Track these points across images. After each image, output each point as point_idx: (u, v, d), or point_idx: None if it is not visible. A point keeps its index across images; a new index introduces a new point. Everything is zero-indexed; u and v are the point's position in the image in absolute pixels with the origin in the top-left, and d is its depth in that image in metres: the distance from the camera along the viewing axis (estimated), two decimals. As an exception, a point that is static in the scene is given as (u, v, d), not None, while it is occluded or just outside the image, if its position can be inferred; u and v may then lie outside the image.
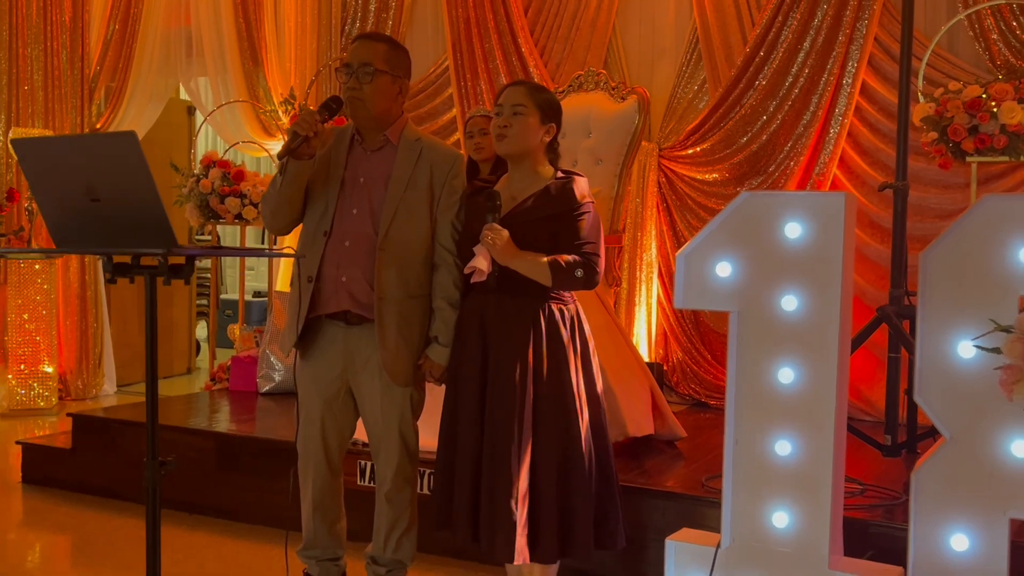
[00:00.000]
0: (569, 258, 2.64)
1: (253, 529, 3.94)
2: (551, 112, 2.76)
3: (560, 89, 5.02)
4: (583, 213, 2.68)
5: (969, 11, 4.50)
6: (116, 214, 2.00)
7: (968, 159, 4.08)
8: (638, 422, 3.72)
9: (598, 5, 5.42)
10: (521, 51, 5.56)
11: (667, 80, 5.36)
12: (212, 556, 3.65)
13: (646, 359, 5.26)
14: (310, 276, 2.77)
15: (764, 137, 4.98)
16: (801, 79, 4.90)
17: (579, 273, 2.63)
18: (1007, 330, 2.12)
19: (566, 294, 2.74)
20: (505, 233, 2.62)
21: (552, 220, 2.67)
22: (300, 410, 2.88)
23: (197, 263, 3.23)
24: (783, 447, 2.45)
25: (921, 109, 4.15)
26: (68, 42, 6.81)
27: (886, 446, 3.47)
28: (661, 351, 5.31)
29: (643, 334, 5.27)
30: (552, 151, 2.81)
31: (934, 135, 4.08)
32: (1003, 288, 2.18)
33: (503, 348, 2.66)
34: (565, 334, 2.69)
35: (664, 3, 5.38)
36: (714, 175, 5.12)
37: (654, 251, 5.27)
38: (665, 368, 5.27)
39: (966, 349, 2.24)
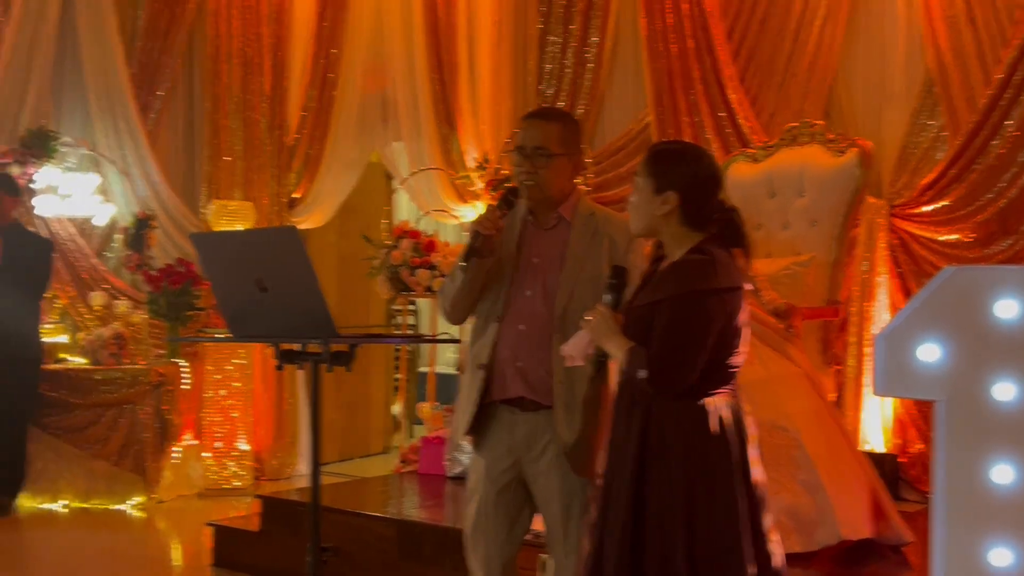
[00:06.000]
0: (646, 353, 2.48)
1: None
2: (666, 179, 2.57)
3: (770, 143, 5.12)
4: (679, 300, 2.48)
5: None
6: (283, 304, 2.34)
7: None
8: (853, 523, 3.70)
9: (816, 48, 5.47)
10: (729, 101, 5.69)
11: (898, 128, 5.32)
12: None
13: (880, 450, 5.17)
14: (481, 363, 2.98)
15: (1014, 191, 4.85)
16: (1057, 122, 4.74)
17: (641, 373, 2.46)
18: None
19: (719, 392, 2.56)
20: (609, 317, 2.58)
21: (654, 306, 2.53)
22: (470, 502, 3.07)
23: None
24: (1001, 557, 2.42)
25: None
26: (268, 111, 7.59)
27: None
28: (899, 440, 5.19)
29: (876, 421, 5.18)
30: (686, 220, 2.60)
31: None
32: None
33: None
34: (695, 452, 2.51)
35: (892, 42, 5.35)
36: (955, 236, 5.02)
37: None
38: (903, 461, 5.15)
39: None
